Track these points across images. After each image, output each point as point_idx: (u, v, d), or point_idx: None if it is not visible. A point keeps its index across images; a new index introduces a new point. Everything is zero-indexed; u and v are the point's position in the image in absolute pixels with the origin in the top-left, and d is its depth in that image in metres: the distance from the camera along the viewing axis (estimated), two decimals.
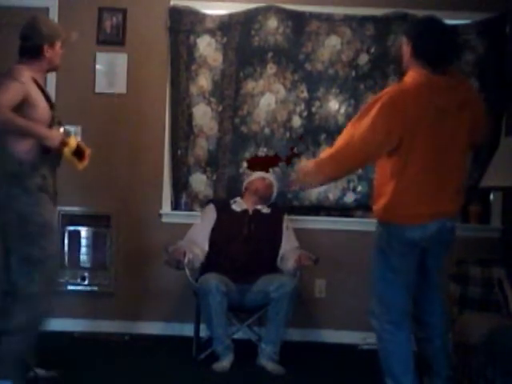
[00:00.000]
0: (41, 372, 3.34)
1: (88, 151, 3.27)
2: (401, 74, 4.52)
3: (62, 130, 3.19)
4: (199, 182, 4.72)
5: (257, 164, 4.62)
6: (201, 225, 4.26)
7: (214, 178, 4.71)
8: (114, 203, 4.68)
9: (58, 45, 3.23)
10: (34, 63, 3.18)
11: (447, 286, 3.68)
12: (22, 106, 3.04)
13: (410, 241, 2.88)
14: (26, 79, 3.08)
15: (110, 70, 4.68)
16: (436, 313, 3.09)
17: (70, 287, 4.63)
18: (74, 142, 3.19)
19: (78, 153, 3.21)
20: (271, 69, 4.66)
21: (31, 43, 3.19)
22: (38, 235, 3.09)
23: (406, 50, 2.94)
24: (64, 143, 3.14)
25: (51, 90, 4.23)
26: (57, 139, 3.10)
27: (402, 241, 2.88)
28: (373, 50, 4.63)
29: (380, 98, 2.87)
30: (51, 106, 3.20)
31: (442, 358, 3.06)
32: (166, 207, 4.70)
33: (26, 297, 3.06)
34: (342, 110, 4.66)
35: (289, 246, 4.20)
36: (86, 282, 4.64)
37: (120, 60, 4.68)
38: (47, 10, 4.60)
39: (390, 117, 2.81)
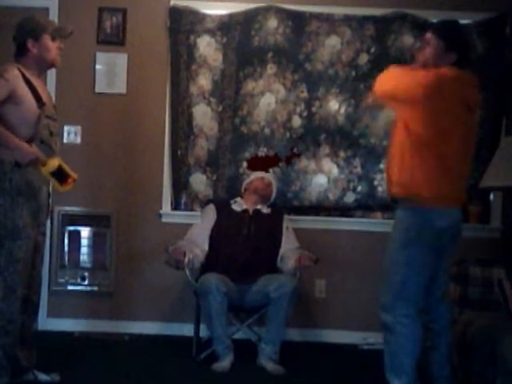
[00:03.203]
0: (41, 375, 3.32)
1: (73, 177, 3.17)
2: None
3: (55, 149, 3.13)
4: (199, 182, 4.72)
5: (257, 164, 4.62)
6: (201, 225, 4.26)
7: (214, 178, 4.71)
8: (114, 203, 4.69)
9: (46, 38, 3.17)
10: (22, 61, 3.17)
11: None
12: (7, 103, 3.03)
13: (439, 230, 2.93)
14: (12, 76, 3.05)
15: (110, 70, 4.68)
16: (443, 318, 3.11)
17: (70, 287, 4.64)
18: (54, 163, 3.08)
19: (60, 175, 3.12)
20: (271, 69, 4.66)
21: (17, 42, 3.19)
22: (5, 238, 3.06)
23: (444, 55, 3.02)
24: (41, 162, 3.05)
25: (51, 89, 4.22)
26: (27, 156, 3.00)
27: (432, 230, 2.92)
28: (373, 50, 4.64)
29: (423, 76, 2.95)
30: (41, 104, 3.14)
31: (446, 373, 3.08)
32: (166, 207, 4.70)
33: None
34: (342, 110, 4.66)
35: (289, 246, 4.20)
36: (86, 282, 4.64)
37: (120, 60, 4.67)
38: (47, 10, 4.60)
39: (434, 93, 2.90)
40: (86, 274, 4.64)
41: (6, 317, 3.06)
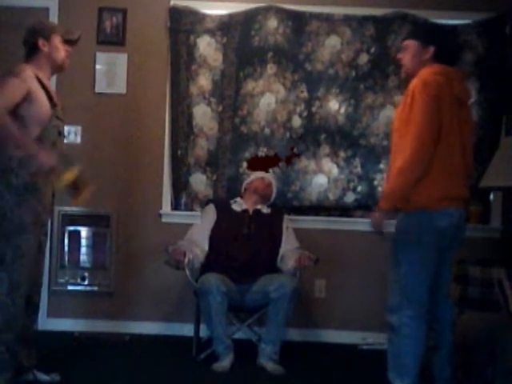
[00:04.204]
0: (40, 375, 3.31)
1: (87, 191, 3.05)
2: (401, 74, 4.58)
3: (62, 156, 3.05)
4: (199, 182, 4.72)
5: (257, 164, 4.63)
6: (201, 225, 4.26)
7: (214, 178, 4.71)
8: (114, 203, 4.69)
9: (56, 39, 3.20)
10: (34, 61, 3.18)
11: None
12: (23, 103, 3.03)
13: (439, 230, 2.92)
14: (26, 76, 3.07)
15: (110, 70, 4.68)
16: (446, 319, 3.10)
17: (70, 287, 4.64)
18: (70, 176, 2.97)
19: (74, 186, 3.03)
20: (271, 69, 4.66)
21: (28, 43, 3.21)
22: (12, 233, 3.05)
23: (421, 52, 3.03)
24: (57, 173, 2.97)
25: None
26: (46, 163, 2.95)
27: (432, 231, 2.91)
28: (373, 50, 4.64)
29: (412, 92, 2.89)
30: (53, 104, 3.18)
31: (447, 374, 3.07)
32: (166, 207, 4.70)
33: None
34: (342, 110, 4.66)
35: (289, 246, 4.20)
36: (86, 282, 4.64)
37: (120, 60, 4.68)
38: (47, 10, 4.60)
39: (434, 104, 2.86)
40: (86, 274, 4.64)
41: (11, 311, 3.07)
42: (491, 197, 4.68)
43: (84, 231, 4.65)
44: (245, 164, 4.67)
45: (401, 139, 2.93)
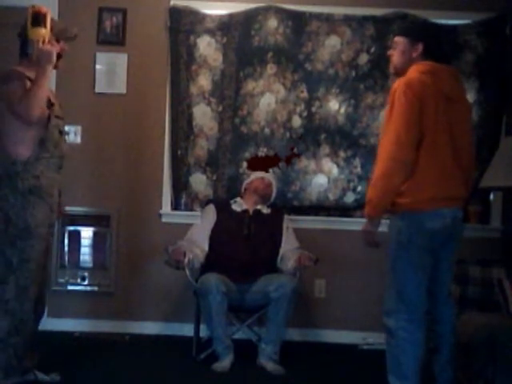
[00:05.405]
0: (41, 375, 3.31)
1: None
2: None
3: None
4: (199, 182, 4.72)
5: (257, 164, 4.63)
6: (201, 225, 4.26)
7: (214, 178, 4.71)
8: (114, 203, 4.69)
9: (50, 37, 3.15)
10: (25, 61, 3.15)
11: None
12: None
13: (431, 232, 2.89)
14: (21, 77, 3.05)
15: (110, 70, 4.68)
16: (446, 320, 3.08)
17: (70, 287, 4.64)
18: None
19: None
20: (271, 69, 4.66)
21: (22, 38, 3.19)
22: (17, 238, 3.06)
23: (410, 49, 2.99)
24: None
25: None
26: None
27: (423, 232, 2.88)
28: (373, 50, 4.64)
29: (394, 93, 2.86)
30: (50, 105, 3.16)
31: (447, 376, 3.05)
32: (166, 207, 4.70)
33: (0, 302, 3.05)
34: (342, 110, 4.66)
35: (289, 246, 4.20)
36: (86, 282, 4.64)
37: (120, 60, 4.68)
38: None
39: (414, 107, 2.82)
40: (86, 274, 4.64)
41: (18, 316, 3.07)
42: (491, 197, 4.68)
43: (84, 231, 4.65)
44: (245, 164, 4.68)
45: (382, 140, 2.92)
